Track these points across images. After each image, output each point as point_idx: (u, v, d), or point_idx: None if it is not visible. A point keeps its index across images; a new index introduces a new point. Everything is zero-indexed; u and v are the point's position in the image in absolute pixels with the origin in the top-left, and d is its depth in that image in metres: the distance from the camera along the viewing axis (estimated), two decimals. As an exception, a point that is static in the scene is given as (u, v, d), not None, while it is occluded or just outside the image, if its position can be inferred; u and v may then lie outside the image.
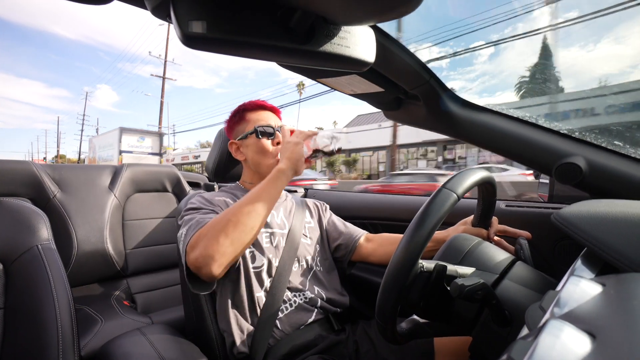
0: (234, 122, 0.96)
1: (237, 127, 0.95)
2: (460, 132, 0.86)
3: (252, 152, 0.91)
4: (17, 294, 0.65)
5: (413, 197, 1.28)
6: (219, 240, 0.65)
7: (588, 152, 0.73)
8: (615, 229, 0.46)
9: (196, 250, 0.66)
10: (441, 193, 0.52)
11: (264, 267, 0.83)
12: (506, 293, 0.51)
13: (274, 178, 0.74)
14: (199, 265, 0.66)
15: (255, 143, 0.91)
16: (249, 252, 0.83)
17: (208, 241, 0.66)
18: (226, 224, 0.67)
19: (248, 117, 0.94)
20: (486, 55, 40.27)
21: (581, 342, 0.23)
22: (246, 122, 0.93)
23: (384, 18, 0.41)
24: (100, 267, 1.48)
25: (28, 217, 0.73)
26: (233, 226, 0.67)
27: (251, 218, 0.68)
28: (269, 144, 0.90)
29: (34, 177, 1.40)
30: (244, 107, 0.95)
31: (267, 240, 0.87)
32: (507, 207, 0.97)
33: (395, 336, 0.54)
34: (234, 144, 0.96)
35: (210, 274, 0.66)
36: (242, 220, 0.67)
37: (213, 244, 0.65)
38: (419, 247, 0.48)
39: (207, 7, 0.37)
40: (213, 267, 0.65)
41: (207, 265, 0.65)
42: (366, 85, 0.81)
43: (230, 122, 0.97)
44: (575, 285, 0.32)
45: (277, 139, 0.91)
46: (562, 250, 0.85)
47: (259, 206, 0.70)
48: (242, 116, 0.94)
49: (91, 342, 1.10)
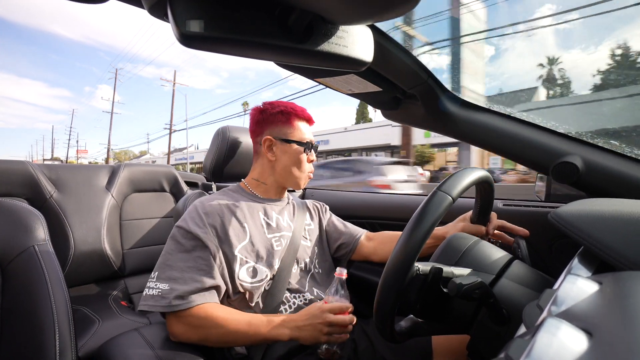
0: (279, 119, 0.89)
1: (281, 125, 0.89)
2: (457, 132, 0.86)
3: (289, 160, 0.88)
4: (13, 295, 0.65)
5: (411, 197, 1.29)
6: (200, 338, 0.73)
7: (585, 152, 0.73)
8: (611, 227, 0.46)
9: (179, 326, 0.72)
10: (436, 196, 0.52)
11: (265, 279, 0.80)
12: (504, 292, 0.52)
13: (271, 337, 0.72)
14: (175, 335, 0.73)
15: (297, 154, 0.88)
16: (248, 268, 0.80)
17: (191, 332, 0.72)
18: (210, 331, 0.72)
19: (295, 124, 0.89)
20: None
21: (578, 340, 0.23)
22: (292, 128, 0.89)
23: (382, 17, 0.41)
24: (97, 268, 1.47)
25: (24, 218, 0.72)
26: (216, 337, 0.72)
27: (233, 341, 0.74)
28: (306, 159, 0.91)
29: (31, 177, 1.39)
30: (293, 111, 0.89)
31: (278, 244, 0.86)
32: (505, 206, 0.97)
33: (394, 335, 0.54)
34: (270, 140, 0.88)
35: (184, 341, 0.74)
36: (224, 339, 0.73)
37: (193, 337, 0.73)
38: (414, 250, 0.48)
39: (204, 6, 0.37)
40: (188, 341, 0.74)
41: (184, 340, 0.73)
42: (364, 84, 0.81)
43: (273, 118, 0.89)
44: (572, 283, 0.32)
45: (312, 156, 0.93)
46: (559, 249, 0.86)
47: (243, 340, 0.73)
48: (290, 119, 0.89)
49: (89, 342, 1.09)
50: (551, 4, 40.35)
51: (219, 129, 1.05)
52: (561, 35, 38.30)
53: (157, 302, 0.72)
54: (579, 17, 6.55)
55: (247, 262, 0.80)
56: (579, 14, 8.40)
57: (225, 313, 0.73)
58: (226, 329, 0.71)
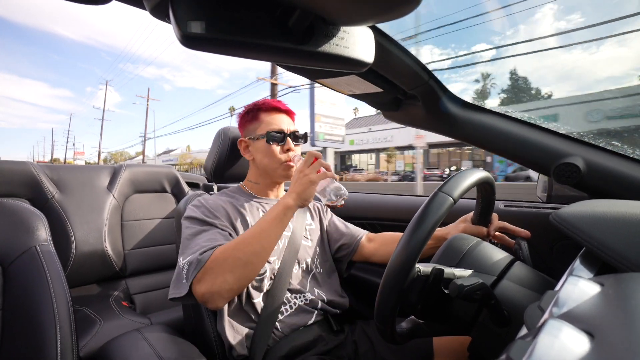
0: (247, 119, 0.93)
1: (249, 125, 0.92)
2: (458, 133, 0.86)
3: (261, 155, 0.90)
4: (15, 295, 0.65)
5: (412, 197, 1.29)
6: (226, 278, 0.66)
7: (586, 153, 0.73)
8: (613, 229, 0.46)
9: (202, 286, 0.67)
10: (437, 197, 0.52)
11: (265, 274, 0.82)
12: (505, 293, 0.51)
13: (281, 214, 0.71)
14: (206, 300, 0.68)
15: (264, 147, 0.88)
16: None
17: (215, 279, 0.66)
18: (233, 262, 0.67)
19: (261, 118, 0.90)
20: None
21: (580, 341, 0.23)
22: (259, 123, 0.90)
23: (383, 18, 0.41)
24: (98, 268, 1.47)
25: (26, 218, 0.73)
26: (242, 265, 0.67)
27: (258, 256, 0.69)
28: (278, 150, 0.88)
29: (32, 177, 1.39)
30: (258, 107, 0.91)
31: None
32: (506, 207, 0.97)
33: (395, 336, 0.54)
34: (244, 142, 0.94)
35: (216, 307, 0.69)
36: (249, 259, 0.68)
37: (220, 281, 0.66)
38: (416, 252, 0.48)
39: (205, 7, 0.37)
40: (219, 302, 0.68)
41: (214, 300, 0.67)
42: (365, 85, 0.81)
43: (243, 119, 0.94)
44: (574, 285, 0.32)
45: (288, 145, 0.89)
46: (560, 250, 0.85)
47: (266, 243, 0.70)
48: (256, 115, 0.91)
49: (90, 343, 1.09)
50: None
51: (220, 129, 1.05)
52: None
53: (177, 287, 0.70)
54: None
55: None
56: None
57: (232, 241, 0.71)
58: (239, 248, 0.68)
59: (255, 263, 0.69)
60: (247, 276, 0.69)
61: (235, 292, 0.69)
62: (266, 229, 0.70)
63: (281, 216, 0.71)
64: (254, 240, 0.69)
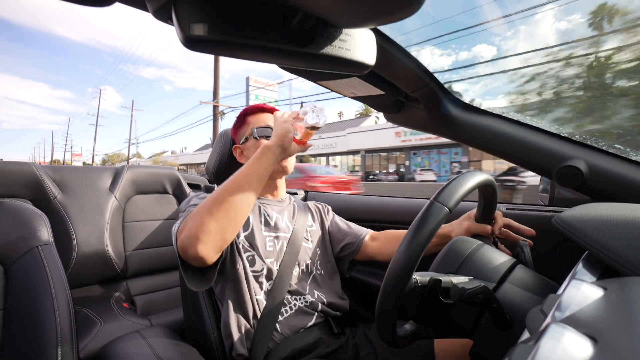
0: (237, 126, 0.98)
1: (239, 131, 0.97)
2: (460, 135, 0.86)
3: (252, 153, 0.90)
4: (16, 295, 0.65)
5: (413, 200, 1.28)
6: (204, 219, 0.64)
7: (589, 155, 0.73)
8: (616, 232, 0.45)
9: (183, 233, 0.66)
10: (432, 207, 0.51)
11: (263, 272, 0.82)
12: (507, 296, 0.51)
13: (260, 154, 0.72)
14: (185, 247, 0.64)
15: (254, 145, 0.91)
16: (248, 255, 0.83)
17: (194, 222, 0.65)
18: (212, 203, 0.66)
19: (248, 121, 0.96)
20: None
21: (582, 346, 0.23)
22: (247, 125, 0.95)
23: (385, 21, 0.41)
24: (100, 269, 1.48)
25: (28, 218, 0.73)
26: (218, 204, 0.66)
27: (236, 195, 0.67)
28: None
29: (35, 178, 1.40)
30: (244, 112, 0.97)
31: (271, 244, 0.87)
32: (508, 210, 0.97)
33: (396, 339, 0.54)
34: (238, 148, 0.97)
35: (196, 254, 0.64)
36: (227, 198, 0.66)
37: (198, 223, 0.64)
38: (412, 263, 0.48)
39: (208, 10, 0.37)
40: (198, 247, 0.63)
41: (193, 245, 0.63)
42: (367, 88, 0.81)
43: (234, 127, 0.99)
44: (577, 288, 0.32)
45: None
46: (563, 254, 0.85)
47: (244, 183, 0.69)
48: (244, 120, 0.97)
49: (90, 344, 1.09)
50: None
51: (222, 131, 1.06)
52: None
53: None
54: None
55: (248, 250, 0.83)
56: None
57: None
58: (218, 192, 0.68)
59: (233, 203, 0.66)
60: (227, 217, 0.66)
61: (214, 238, 0.65)
62: (244, 171, 0.70)
63: (260, 156, 0.72)
64: (232, 183, 0.68)
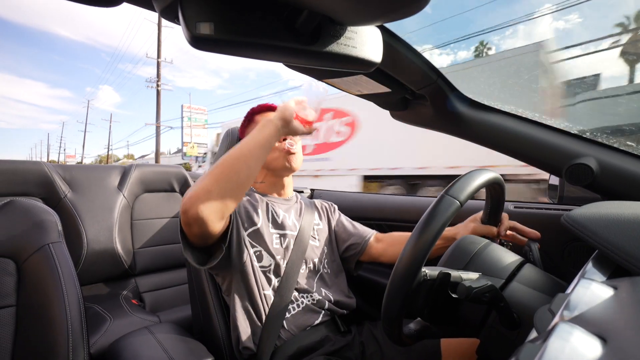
0: (245, 125, 0.99)
1: (247, 129, 0.98)
2: (467, 133, 0.85)
3: None
4: (28, 291, 0.66)
5: (419, 198, 1.28)
6: (206, 182, 0.66)
7: (599, 153, 0.72)
8: (627, 231, 0.45)
9: (186, 196, 0.67)
10: (443, 200, 0.51)
11: (270, 267, 0.83)
12: (514, 295, 0.51)
13: (261, 125, 0.73)
14: (186, 208, 0.65)
15: None
16: (255, 251, 0.83)
17: (196, 185, 0.67)
18: (214, 168, 0.68)
19: (256, 119, 0.96)
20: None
21: (592, 346, 0.22)
22: (254, 124, 0.96)
23: (391, 18, 0.41)
24: (109, 266, 1.50)
25: (40, 217, 0.74)
26: (220, 169, 0.67)
27: (238, 161, 0.68)
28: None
29: (46, 177, 1.42)
30: (252, 111, 0.98)
31: (277, 242, 0.87)
32: (516, 208, 0.96)
33: (402, 338, 0.54)
34: None
35: (196, 214, 0.64)
36: (229, 163, 0.68)
37: (200, 185, 0.66)
38: (421, 256, 0.48)
39: (214, 9, 0.37)
40: (199, 207, 0.64)
41: (194, 205, 0.64)
42: (373, 85, 0.80)
43: (242, 127, 1.00)
44: (586, 288, 0.31)
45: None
46: (572, 253, 0.84)
47: (246, 150, 0.70)
48: (251, 119, 0.97)
49: (100, 340, 1.11)
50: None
51: (229, 129, 1.06)
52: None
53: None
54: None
55: (255, 246, 0.84)
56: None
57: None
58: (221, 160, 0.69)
59: (236, 170, 0.68)
60: (229, 184, 0.67)
61: (216, 203, 0.66)
62: (247, 139, 0.71)
63: (261, 126, 0.72)
64: (235, 150, 0.70)
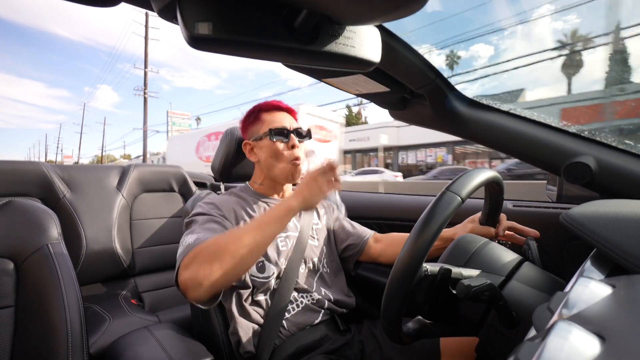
0: (249, 122, 0.93)
1: (251, 127, 0.93)
2: (466, 132, 0.85)
3: (266, 154, 0.89)
4: (27, 292, 0.66)
5: (419, 197, 1.28)
6: (212, 268, 0.62)
7: (598, 152, 0.72)
8: (625, 229, 0.45)
9: (187, 272, 0.63)
10: (445, 196, 0.51)
11: (273, 275, 0.82)
12: (513, 294, 0.51)
13: (283, 215, 0.69)
14: (186, 288, 0.63)
15: (269, 145, 0.88)
16: (258, 262, 0.82)
17: (200, 265, 0.62)
18: (223, 252, 0.63)
19: (263, 118, 0.91)
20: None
21: (590, 344, 0.23)
22: (261, 123, 0.91)
23: (390, 17, 0.41)
24: (108, 266, 1.50)
25: (39, 217, 0.74)
26: (230, 256, 0.63)
27: (249, 252, 0.64)
28: (282, 147, 0.87)
29: (45, 177, 1.42)
30: (259, 108, 0.92)
31: (283, 244, 0.86)
32: (515, 207, 0.96)
33: (401, 337, 0.54)
34: (248, 144, 0.93)
35: (196, 299, 0.63)
36: (240, 252, 0.63)
37: (205, 269, 0.62)
38: (423, 251, 0.48)
39: (213, 8, 0.37)
40: (199, 293, 0.62)
41: (195, 289, 0.62)
42: (372, 85, 0.80)
43: (245, 122, 0.94)
44: (585, 286, 0.31)
45: (292, 141, 0.88)
46: (570, 251, 0.84)
47: (260, 239, 0.66)
48: (258, 117, 0.92)
49: (99, 340, 1.11)
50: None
51: (228, 129, 1.06)
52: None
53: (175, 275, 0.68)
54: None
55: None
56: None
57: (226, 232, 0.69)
58: (232, 240, 0.64)
59: (245, 258, 0.64)
60: (235, 270, 0.63)
61: (217, 286, 0.63)
62: (264, 226, 0.68)
63: (282, 216, 0.69)
64: (249, 235, 0.65)
